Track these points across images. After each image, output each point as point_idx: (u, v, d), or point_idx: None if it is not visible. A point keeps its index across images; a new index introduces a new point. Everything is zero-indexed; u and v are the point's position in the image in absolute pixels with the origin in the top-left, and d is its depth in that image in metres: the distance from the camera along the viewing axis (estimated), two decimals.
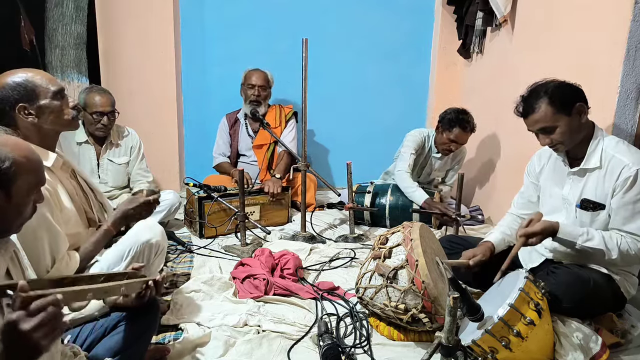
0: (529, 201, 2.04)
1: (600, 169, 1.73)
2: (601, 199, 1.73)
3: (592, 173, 1.76)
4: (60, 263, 1.47)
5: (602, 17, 2.15)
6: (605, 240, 1.68)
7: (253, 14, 3.66)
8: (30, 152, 1.06)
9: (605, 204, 1.73)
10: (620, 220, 1.70)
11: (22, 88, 1.47)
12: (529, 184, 2.04)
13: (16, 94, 1.46)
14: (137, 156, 2.84)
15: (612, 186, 1.70)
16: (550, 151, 1.92)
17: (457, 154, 3.24)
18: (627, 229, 1.69)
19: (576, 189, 1.80)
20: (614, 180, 1.69)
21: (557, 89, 1.73)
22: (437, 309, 1.66)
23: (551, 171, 1.93)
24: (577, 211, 1.79)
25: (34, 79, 1.50)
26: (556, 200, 1.89)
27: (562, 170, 1.87)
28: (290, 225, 3.12)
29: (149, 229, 1.73)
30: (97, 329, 1.40)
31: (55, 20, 2.94)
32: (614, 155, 1.71)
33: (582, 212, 1.78)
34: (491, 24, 3.18)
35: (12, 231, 1.09)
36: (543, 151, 1.99)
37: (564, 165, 1.86)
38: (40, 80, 1.51)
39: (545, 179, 1.96)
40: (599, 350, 1.62)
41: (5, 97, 1.46)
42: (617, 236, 1.69)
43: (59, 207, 1.52)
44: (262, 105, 3.31)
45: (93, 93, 2.60)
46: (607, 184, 1.71)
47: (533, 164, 2.03)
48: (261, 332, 1.82)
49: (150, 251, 1.71)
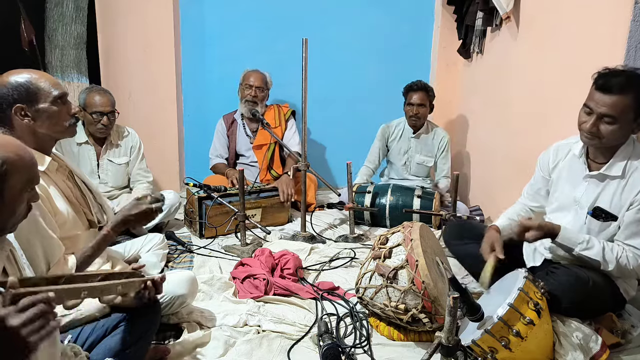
0: (537, 193, 1.99)
1: (622, 178, 1.66)
2: (615, 210, 1.67)
3: (613, 181, 1.68)
4: (55, 268, 1.46)
5: (602, 17, 2.15)
6: (605, 251, 1.65)
7: (253, 14, 3.65)
8: (22, 150, 1.05)
9: (618, 216, 1.67)
10: (626, 234, 1.66)
11: (24, 89, 1.47)
12: (539, 177, 1.97)
13: (16, 94, 1.45)
14: (137, 156, 2.84)
15: (630, 199, 1.63)
16: (569, 147, 1.84)
17: (435, 135, 3.31)
18: (631, 242, 1.66)
19: (591, 194, 1.73)
20: (634, 194, 1.62)
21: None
22: (437, 309, 1.67)
23: (567, 169, 1.85)
24: (588, 218, 1.74)
25: (38, 82, 1.49)
26: (566, 200, 1.82)
27: (579, 171, 1.79)
28: (290, 225, 3.12)
29: (184, 284, 1.79)
30: (97, 329, 1.40)
31: (55, 20, 2.94)
32: (638, 167, 1.64)
33: (592, 219, 1.73)
34: (491, 23, 3.18)
35: (7, 230, 1.08)
36: (561, 145, 1.90)
37: (582, 166, 1.78)
38: (44, 84, 1.50)
39: (558, 175, 1.88)
40: (598, 350, 1.62)
41: (4, 95, 1.45)
42: (618, 248, 1.66)
43: (52, 211, 1.51)
44: (259, 106, 3.32)
45: (93, 93, 2.60)
46: (626, 195, 1.65)
47: (548, 156, 1.92)
48: (261, 332, 1.82)
49: (179, 302, 1.79)
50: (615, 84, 1.56)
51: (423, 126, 3.30)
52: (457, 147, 3.77)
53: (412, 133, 3.31)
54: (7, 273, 1.08)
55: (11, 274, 1.08)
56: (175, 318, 1.83)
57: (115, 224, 1.63)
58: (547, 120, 2.55)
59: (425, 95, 3.18)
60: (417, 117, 3.21)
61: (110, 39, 3.32)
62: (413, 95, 3.18)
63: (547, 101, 2.57)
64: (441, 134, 3.33)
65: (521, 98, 2.85)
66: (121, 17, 3.31)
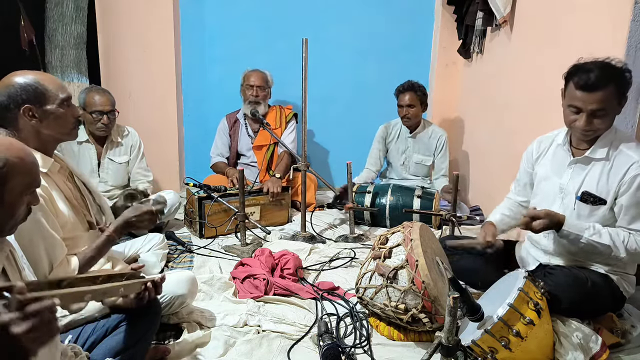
0: (524, 188, 2.02)
1: (607, 161, 1.68)
2: (603, 193, 1.69)
3: (597, 164, 1.70)
4: (58, 269, 1.47)
5: (602, 17, 2.15)
6: (613, 236, 1.64)
7: (253, 14, 3.66)
8: (24, 153, 1.05)
9: (607, 199, 1.68)
10: (628, 219, 1.66)
11: (32, 89, 1.47)
12: (523, 171, 2.00)
13: (24, 95, 1.46)
14: (137, 155, 2.84)
15: (617, 182, 1.65)
16: (552, 138, 1.87)
17: (433, 133, 3.32)
18: (634, 226, 1.66)
19: (577, 178, 1.75)
20: (620, 177, 1.64)
21: (626, 74, 1.62)
22: (437, 309, 1.67)
23: (550, 159, 1.87)
24: (577, 203, 1.74)
25: (46, 83, 1.50)
26: (552, 189, 1.84)
27: (563, 159, 1.81)
28: (290, 225, 3.12)
29: (184, 284, 1.79)
30: (98, 330, 1.40)
31: (55, 20, 2.94)
32: (622, 150, 1.66)
33: (581, 204, 1.73)
34: (491, 24, 3.18)
35: (6, 232, 1.08)
36: (545, 137, 1.93)
37: (566, 154, 1.80)
38: (51, 86, 1.51)
39: (542, 166, 1.90)
40: (598, 350, 1.62)
41: (13, 95, 1.45)
42: (624, 233, 1.65)
43: (55, 212, 1.52)
44: (261, 105, 3.31)
45: (92, 92, 2.61)
46: (612, 178, 1.66)
47: (532, 149, 1.97)
48: (261, 332, 1.82)
49: (179, 302, 1.79)
50: (596, 80, 1.58)
51: (419, 125, 3.31)
52: (457, 147, 3.77)
53: (409, 133, 3.32)
54: (6, 273, 1.08)
55: (11, 274, 1.08)
56: (175, 318, 1.83)
57: (117, 226, 1.63)
58: (547, 120, 2.55)
59: (413, 95, 3.18)
60: (408, 118, 3.22)
61: (110, 39, 3.32)
62: (402, 96, 3.20)
63: (547, 101, 2.56)
64: (439, 132, 3.33)
65: (521, 98, 2.84)
66: (121, 17, 3.31)
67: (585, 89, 1.60)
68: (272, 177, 3.15)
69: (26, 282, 0.96)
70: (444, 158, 3.33)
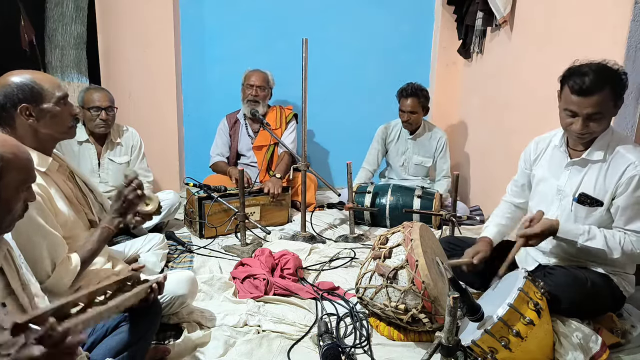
0: (521, 189, 2.01)
1: (604, 162, 1.69)
2: (600, 195, 1.69)
3: (594, 165, 1.71)
4: (60, 267, 1.47)
5: (602, 17, 2.15)
6: (607, 239, 1.64)
7: (253, 14, 3.65)
8: (18, 149, 1.06)
9: (603, 201, 1.69)
10: (624, 219, 1.66)
11: (28, 89, 1.47)
12: (521, 172, 2.00)
13: (21, 94, 1.46)
14: (138, 155, 2.83)
15: (614, 184, 1.65)
16: (549, 139, 1.88)
17: (433, 135, 3.31)
18: (630, 227, 1.66)
19: (574, 180, 1.75)
20: (617, 178, 1.64)
21: (622, 77, 1.62)
22: (437, 309, 1.67)
23: (548, 160, 1.87)
24: (574, 205, 1.75)
25: (42, 82, 1.50)
26: (549, 191, 1.84)
27: (560, 160, 1.82)
28: (290, 225, 3.12)
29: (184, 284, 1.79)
30: (98, 330, 1.40)
31: (55, 20, 2.94)
32: (619, 151, 1.66)
33: (578, 206, 1.74)
34: (491, 24, 3.18)
35: (3, 229, 1.09)
36: (542, 138, 1.93)
37: (563, 155, 1.80)
38: (47, 84, 1.51)
39: (539, 167, 1.90)
40: (598, 350, 1.62)
41: (9, 94, 1.45)
42: (620, 235, 1.66)
43: (54, 211, 1.52)
44: (261, 105, 3.31)
45: (91, 90, 2.63)
46: (609, 180, 1.67)
47: (529, 150, 1.97)
48: (261, 332, 1.82)
49: (179, 302, 1.79)
50: (591, 84, 1.57)
51: (420, 127, 3.30)
52: (457, 147, 3.77)
53: (409, 135, 3.31)
54: (4, 273, 1.08)
55: (8, 273, 1.09)
56: (175, 318, 1.83)
57: (109, 219, 1.59)
58: (547, 120, 2.55)
59: (416, 102, 3.15)
60: (410, 123, 3.22)
61: (110, 39, 3.31)
62: (404, 101, 3.17)
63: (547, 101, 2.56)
64: (439, 134, 3.33)
65: (521, 98, 2.85)
66: (121, 17, 3.31)
67: (580, 94, 1.60)
68: (272, 177, 3.15)
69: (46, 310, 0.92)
70: (445, 159, 3.33)
